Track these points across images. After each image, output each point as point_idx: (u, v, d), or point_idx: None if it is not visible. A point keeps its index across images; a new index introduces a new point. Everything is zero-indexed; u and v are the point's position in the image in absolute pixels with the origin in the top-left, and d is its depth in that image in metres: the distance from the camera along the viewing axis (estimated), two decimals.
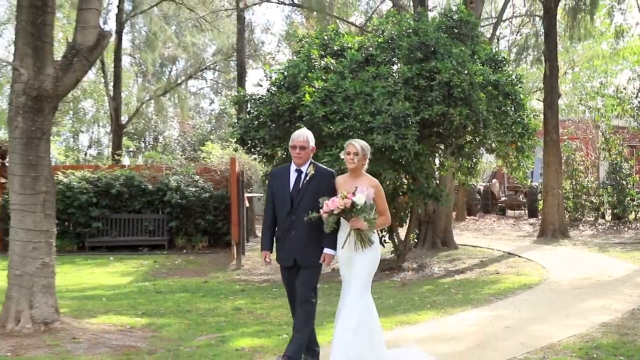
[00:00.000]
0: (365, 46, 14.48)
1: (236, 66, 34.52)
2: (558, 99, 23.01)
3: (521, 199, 32.27)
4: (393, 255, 15.31)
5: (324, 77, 13.44)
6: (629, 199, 24.99)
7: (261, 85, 14.98)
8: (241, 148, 15.46)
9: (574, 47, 34.95)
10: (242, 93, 15.73)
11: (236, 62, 34.61)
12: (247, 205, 18.41)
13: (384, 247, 15.29)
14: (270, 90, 14.41)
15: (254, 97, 14.84)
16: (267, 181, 8.85)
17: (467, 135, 14.47)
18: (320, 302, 7.94)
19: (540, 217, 24.90)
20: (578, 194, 25.98)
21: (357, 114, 12.67)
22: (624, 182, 25.02)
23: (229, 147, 23.66)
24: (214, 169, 21.48)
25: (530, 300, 10.94)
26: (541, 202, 24.43)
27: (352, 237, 6.52)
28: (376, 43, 14.42)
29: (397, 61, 14.20)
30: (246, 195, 18.00)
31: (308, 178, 6.66)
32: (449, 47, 13.56)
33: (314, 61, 14.13)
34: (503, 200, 33.55)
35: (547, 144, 22.07)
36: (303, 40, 15.58)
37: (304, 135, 6.76)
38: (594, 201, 26.08)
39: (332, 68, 13.90)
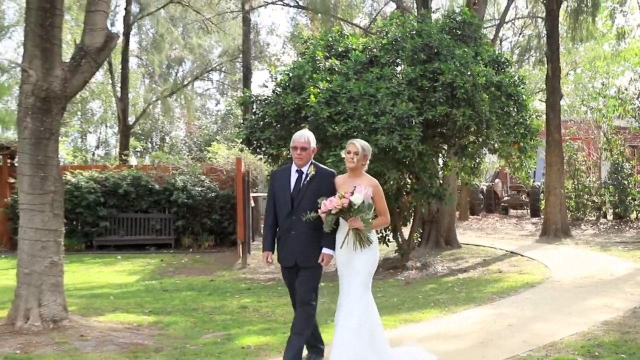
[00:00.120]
0: (370, 47, 14.48)
1: (242, 67, 34.60)
2: (560, 100, 22.96)
3: (524, 199, 32.25)
4: (397, 254, 15.28)
5: (328, 78, 13.43)
6: (630, 198, 24.96)
7: (266, 86, 14.96)
8: (247, 148, 15.44)
9: (576, 48, 34.88)
10: (247, 94, 15.74)
11: (242, 64, 34.69)
12: (253, 205, 18.41)
13: (387, 246, 15.34)
14: (276, 91, 14.40)
15: (259, 98, 14.83)
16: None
17: (470, 136, 14.45)
18: (325, 300, 7.95)
19: (542, 217, 24.86)
20: (580, 193, 25.96)
21: (362, 114, 12.66)
22: (626, 182, 24.99)
23: (234, 147, 23.69)
24: (220, 169, 21.50)
25: (532, 298, 10.92)
26: (543, 202, 24.39)
27: (351, 236, 6.48)
28: (380, 44, 14.41)
29: (401, 62, 14.19)
30: (252, 195, 17.99)
31: (308, 178, 6.63)
32: (452, 49, 13.54)
33: (318, 62, 14.13)
34: (506, 199, 33.52)
35: (550, 144, 22.04)
36: (308, 42, 15.57)
37: (305, 136, 6.73)
38: (596, 201, 26.05)
39: (336, 69, 13.88)
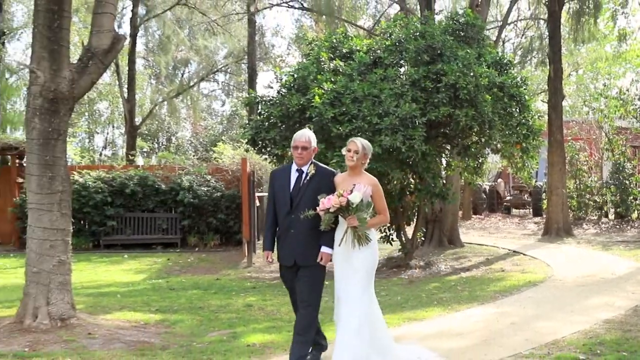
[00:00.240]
0: (373, 49, 14.46)
1: (247, 69, 34.71)
2: (562, 101, 22.91)
3: (526, 198, 32.17)
4: (400, 253, 15.27)
5: (333, 79, 13.42)
6: (631, 198, 24.88)
7: (272, 87, 14.97)
8: (252, 148, 15.45)
9: (578, 49, 34.84)
10: (253, 95, 15.74)
11: (247, 65, 34.78)
12: (258, 205, 18.40)
13: (391, 245, 15.33)
14: (281, 92, 14.40)
15: (264, 98, 14.83)
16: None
17: (473, 136, 14.42)
18: (328, 299, 7.92)
19: (544, 216, 24.80)
20: (582, 193, 25.88)
21: (365, 115, 12.65)
22: (627, 182, 24.92)
23: (240, 147, 23.68)
24: (226, 169, 21.49)
25: (535, 297, 10.91)
26: (545, 202, 24.33)
27: (349, 234, 6.42)
28: (384, 46, 14.40)
29: (405, 64, 14.18)
30: (257, 195, 18.00)
31: (308, 178, 6.58)
32: (455, 50, 13.53)
33: (323, 64, 14.12)
34: (508, 199, 33.44)
35: (552, 145, 21.99)
36: (312, 43, 15.56)
37: (306, 135, 6.69)
38: (598, 200, 25.97)
39: (340, 70, 13.87)
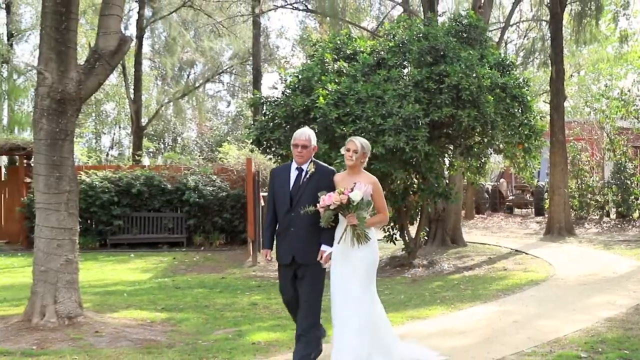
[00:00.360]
0: (377, 50, 14.46)
1: (252, 70, 34.68)
2: (564, 101, 22.88)
3: (528, 198, 32.11)
4: (404, 252, 15.27)
5: (337, 80, 13.42)
6: (633, 197, 24.87)
7: (276, 88, 14.96)
8: (257, 149, 15.46)
9: (580, 50, 34.71)
10: (257, 95, 15.74)
11: (252, 66, 34.77)
12: (263, 204, 18.38)
13: (395, 244, 15.33)
14: (285, 93, 14.40)
15: (269, 99, 14.83)
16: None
17: (476, 136, 14.42)
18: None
19: (546, 216, 24.76)
20: (583, 193, 25.86)
21: (369, 116, 12.65)
22: (628, 182, 24.90)
23: (245, 147, 23.71)
24: (231, 169, 21.49)
25: (537, 296, 10.89)
26: (547, 201, 24.29)
27: (349, 232, 6.37)
28: (387, 47, 14.39)
29: (408, 65, 14.17)
30: (262, 195, 17.98)
31: (308, 176, 6.54)
32: (458, 51, 13.52)
33: (327, 65, 14.12)
34: (510, 199, 33.38)
35: (554, 145, 21.95)
36: (317, 45, 15.55)
37: (306, 134, 6.64)
38: (599, 200, 25.94)
39: (344, 71, 13.87)
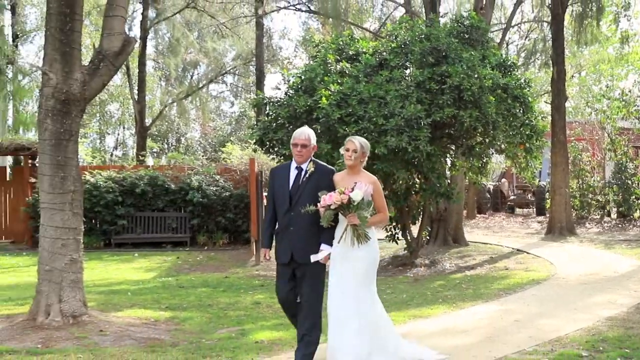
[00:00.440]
0: (379, 51, 14.45)
1: (255, 70, 34.68)
2: (565, 102, 22.86)
3: (529, 198, 32.09)
4: (406, 251, 15.26)
5: (339, 81, 13.41)
6: (633, 197, 24.84)
7: (279, 89, 14.95)
8: (260, 149, 15.44)
9: (581, 51, 34.68)
10: (261, 96, 15.74)
11: (255, 67, 34.75)
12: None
13: (397, 243, 15.32)
14: (288, 94, 14.39)
15: (272, 100, 14.81)
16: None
17: (477, 137, 14.40)
18: None
19: (547, 215, 24.73)
20: (584, 192, 25.84)
21: (372, 116, 12.65)
22: (629, 182, 24.88)
23: (248, 148, 23.71)
24: (234, 169, 21.49)
25: (538, 295, 10.89)
26: (549, 201, 24.26)
27: (349, 232, 6.35)
28: (390, 48, 14.38)
29: (410, 65, 14.16)
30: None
31: (308, 175, 6.53)
32: (460, 52, 13.50)
33: (330, 65, 14.11)
34: (512, 199, 33.36)
35: (555, 145, 21.93)
36: (319, 46, 15.55)
37: (305, 133, 6.65)
38: (600, 200, 25.92)
39: (347, 72, 13.87)
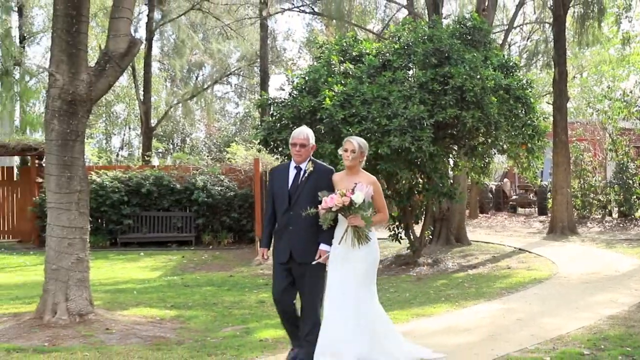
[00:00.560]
0: (383, 52, 14.43)
1: (259, 71, 34.73)
2: (567, 102, 22.80)
3: (531, 198, 32.04)
4: (409, 251, 15.26)
5: (343, 82, 13.41)
6: (635, 197, 24.75)
7: (283, 90, 14.93)
8: (264, 149, 15.45)
9: (582, 52, 34.60)
10: (265, 97, 15.73)
11: (259, 68, 34.81)
12: None
13: (400, 243, 15.32)
14: (292, 94, 14.38)
15: (276, 100, 14.81)
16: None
17: (480, 137, 14.38)
18: None
19: (549, 215, 24.68)
20: (586, 192, 25.77)
21: (375, 117, 12.64)
22: (630, 181, 24.79)
23: (252, 148, 23.69)
24: (239, 169, 21.52)
25: (540, 294, 10.86)
26: (550, 201, 24.23)
27: (349, 233, 6.33)
28: (393, 49, 14.36)
29: (413, 66, 14.15)
30: None
31: (307, 175, 6.49)
32: (462, 53, 13.49)
33: (333, 66, 14.11)
34: (514, 198, 33.31)
35: (557, 145, 21.89)
36: (323, 47, 15.53)
37: (304, 133, 6.59)
38: (602, 199, 25.85)
39: (350, 73, 13.86)
